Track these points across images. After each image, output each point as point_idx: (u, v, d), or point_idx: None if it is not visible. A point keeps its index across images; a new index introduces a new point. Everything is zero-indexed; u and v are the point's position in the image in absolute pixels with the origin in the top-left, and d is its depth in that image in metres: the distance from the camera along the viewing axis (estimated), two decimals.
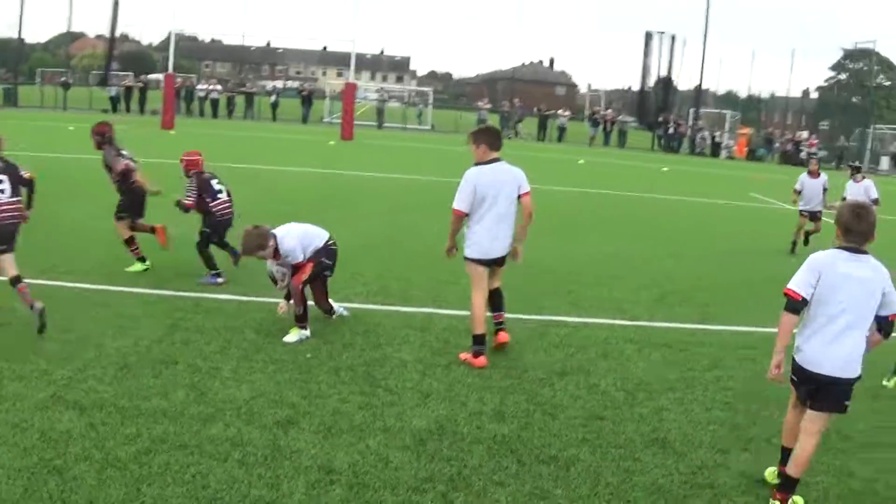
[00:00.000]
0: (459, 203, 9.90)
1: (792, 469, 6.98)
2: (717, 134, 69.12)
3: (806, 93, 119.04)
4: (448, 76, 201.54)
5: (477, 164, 10.00)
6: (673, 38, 78.35)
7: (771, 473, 7.50)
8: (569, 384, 9.55)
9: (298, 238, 10.77)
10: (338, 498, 6.56)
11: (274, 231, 10.72)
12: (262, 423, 7.85)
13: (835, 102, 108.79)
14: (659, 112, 72.25)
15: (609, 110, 69.86)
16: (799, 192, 21.11)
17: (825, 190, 20.99)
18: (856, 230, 6.81)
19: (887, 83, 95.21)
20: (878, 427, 8.95)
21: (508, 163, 10.16)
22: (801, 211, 21.01)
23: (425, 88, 78.34)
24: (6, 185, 10.05)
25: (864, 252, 6.85)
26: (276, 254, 10.61)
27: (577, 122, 77.31)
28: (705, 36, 73.64)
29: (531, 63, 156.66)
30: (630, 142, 65.72)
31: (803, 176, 21.39)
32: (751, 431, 8.58)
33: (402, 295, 13.12)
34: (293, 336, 10.51)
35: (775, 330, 6.88)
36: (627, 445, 8.01)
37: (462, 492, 6.79)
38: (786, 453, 7.24)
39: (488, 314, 10.36)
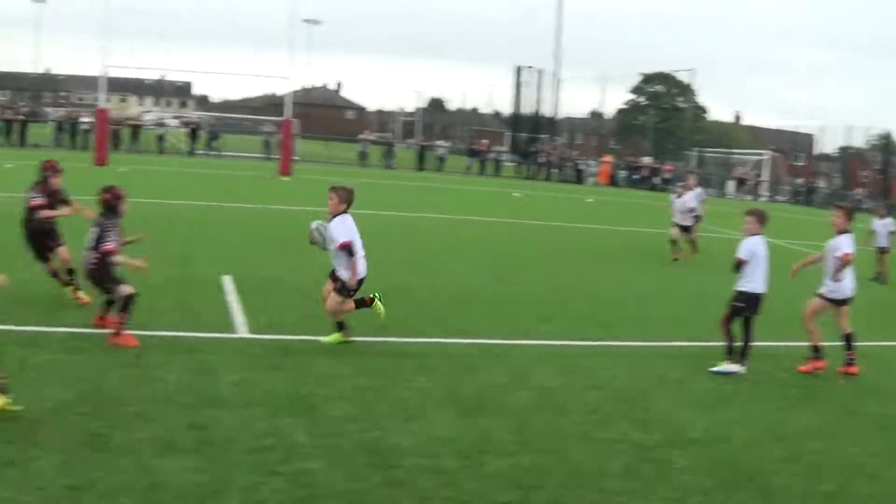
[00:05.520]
0: None
1: None
2: (581, 162, 71.93)
3: (595, 114, 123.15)
4: (226, 100, 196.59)
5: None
6: (540, 72, 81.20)
7: None
8: None
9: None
10: None
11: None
12: None
13: (632, 125, 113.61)
14: (530, 142, 74.70)
15: (485, 141, 71.49)
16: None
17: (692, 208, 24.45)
18: None
19: (683, 105, 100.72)
20: None
21: None
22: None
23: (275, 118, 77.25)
24: None
25: None
26: None
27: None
28: (556, 65, 75.99)
29: (314, 87, 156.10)
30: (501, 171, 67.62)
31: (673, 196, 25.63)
32: None
33: None
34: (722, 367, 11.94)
35: None
36: None
37: None
38: None
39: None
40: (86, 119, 60.58)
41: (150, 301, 12.48)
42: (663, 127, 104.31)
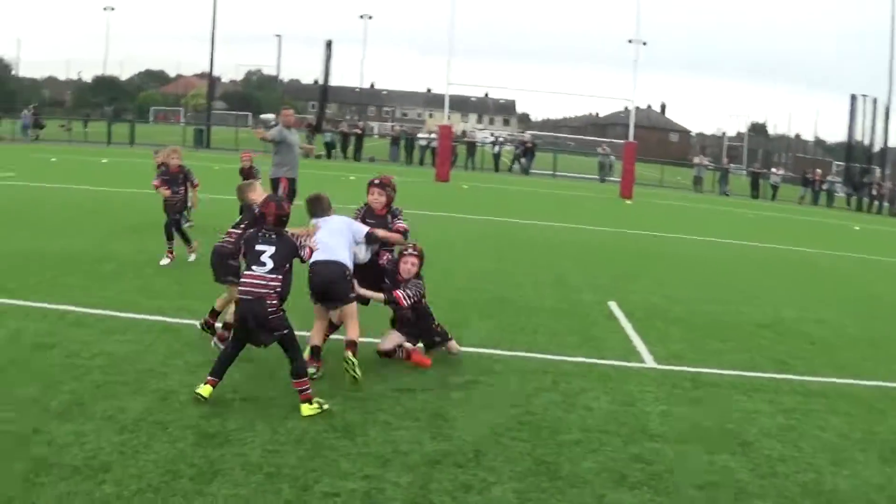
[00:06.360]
0: None
1: None
2: None
3: None
4: (546, 119, 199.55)
5: None
6: (875, 100, 78.31)
7: None
8: None
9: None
10: None
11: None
12: None
13: None
14: (864, 173, 72.24)
15: (818, 170, 69.59)
16: None
17: None
18: None
19: None
20: None
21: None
22: None
23: (615, 140, 77.76)
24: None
25: None
26: None
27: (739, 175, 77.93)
28: (889, 95, 72.84)
29: (638, 108, 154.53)
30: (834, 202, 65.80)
31: None
32: None
33: None
34: None
35: None
36: None
37: None
38: None
39: None
40: (422, 135, 62.75)
41: (545, 324, 12.76)
42: None
